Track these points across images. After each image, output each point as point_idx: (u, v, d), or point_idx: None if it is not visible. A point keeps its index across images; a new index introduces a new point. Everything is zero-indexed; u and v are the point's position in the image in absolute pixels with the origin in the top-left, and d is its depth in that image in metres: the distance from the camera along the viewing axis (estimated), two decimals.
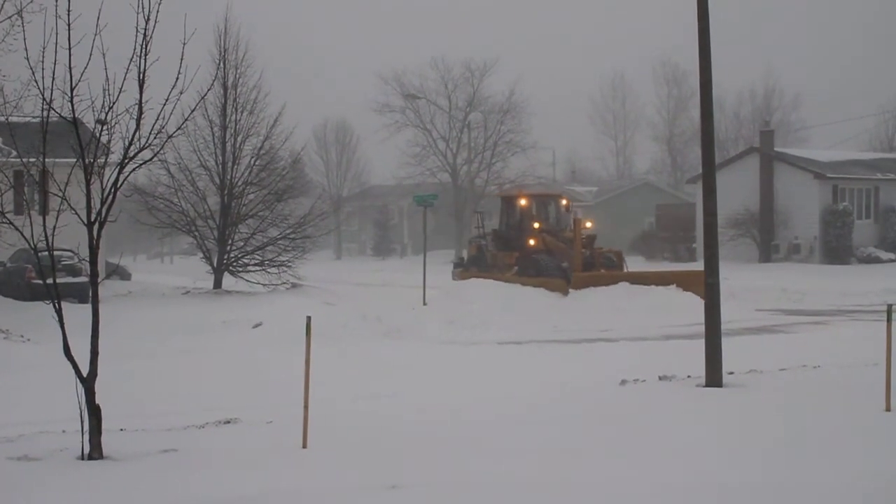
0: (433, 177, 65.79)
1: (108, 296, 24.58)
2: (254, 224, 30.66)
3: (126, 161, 9.57)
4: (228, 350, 19.33)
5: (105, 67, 9.25)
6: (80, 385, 9.28)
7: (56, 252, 9.86)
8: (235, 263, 30.10)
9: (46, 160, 9.85)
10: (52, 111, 9.36)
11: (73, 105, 9.26)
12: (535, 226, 29.97)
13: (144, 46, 9.37)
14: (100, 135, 9.72)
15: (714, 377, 13.01)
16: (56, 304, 9.42)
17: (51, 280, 9.54)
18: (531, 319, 23.50)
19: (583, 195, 63.30)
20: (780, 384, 13.15)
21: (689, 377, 13.64)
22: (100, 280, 9.68)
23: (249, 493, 7.81)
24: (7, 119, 14.62)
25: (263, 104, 30.60)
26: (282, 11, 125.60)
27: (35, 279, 24.28)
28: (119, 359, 15.55)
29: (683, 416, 10.96)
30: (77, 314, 11.39)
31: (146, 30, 9.36)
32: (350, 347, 18.94)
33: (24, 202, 10.92)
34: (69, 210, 9.41)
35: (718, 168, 24.03)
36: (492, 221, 35.44)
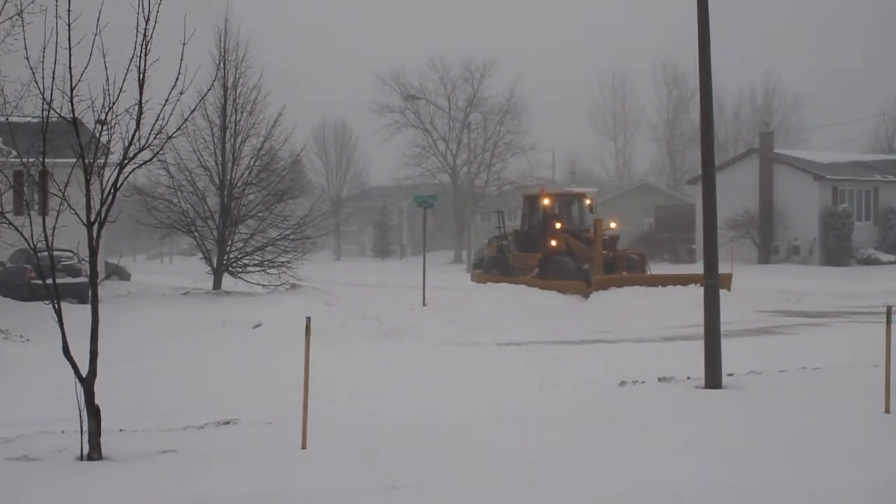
0: (433, 178, 65.94)
1: (108, 296, 24.58)
2: (253, 225, 30.70)
3: (126, 161, 9.57)
4: (228, 351, 19.31)
5: (105, 68, 9.25)
6: (80, 385, 9.27)
7: (56, 252, 9.84)
8: (235, 264, 30.11)
9: (46, 160, 9.85)
10: (52, 111, 9.35)
11: (73, 105, 9.26)
12: (557, 226, 28.94)
13: (144, 47, 9.37)
14: (100, 135, 9.71)
15: (713, 378, 12.99)
16: (55, 305, 9.41)
17: (50, 280, 9.53)
18: (533, 320, 23.46)
19: None
20: (780, 386, 13.15)
21: (689, 378, 13.62)
22: (99, 280, 9.68)
23: (249, 494, 7.81)
24: (7, 119, 14.62)
25: (263, 105, 30.72)
26: (282, 12, 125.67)
27: (34, 279, 24.27)
28: (118, 359, 15.52)
29: (682, 418, 10.95)
30: (76, 314, 11.38)
31: (146, 30, 9.36)
32: (349, 348, 18.91)
33: (24, 202, 10.89)
34: (69, 210, 9.40)
35: (718, 169, 24.00)
36: (513, 221, 34.26)
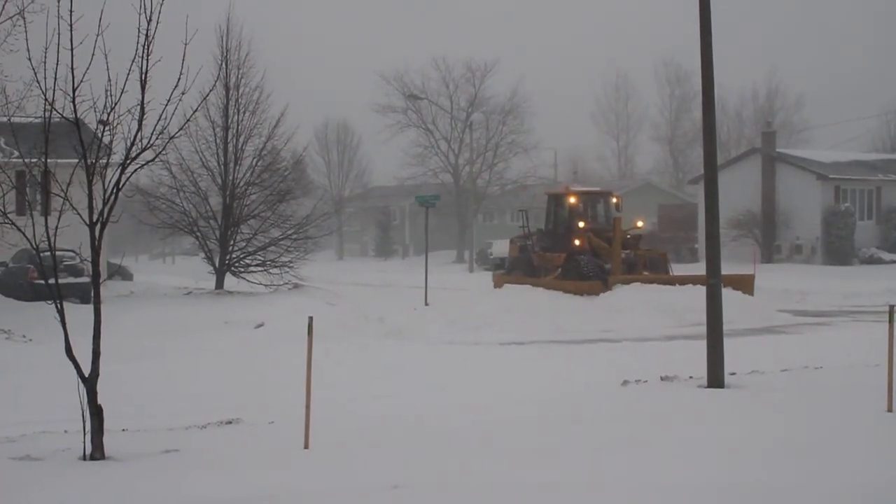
0: (435, 177, 65.94)
1: (110, 296, 24.59)
2: (256, 225, 30.70)
3: (128, 161, 9.58)
4: (230, 350, 19.32)
5: (107, 68, 9.27)
6: (82, 385, 9.28)
7: (58, 252, 9.86)
8: (237, 264, 30.12)
9: (48, 161, 9.86)
10: (55, 112, 9.37)
11: (76, 105, 9.27)
12: (580, 225, 28.34)
13: (146, 47, 9.38)
14: (102, 135, 9.72)
15: (716, 378, 12.99)
16: (58, 305, 9.42)
17: (53, 280, 9.54)
18: (534, 320, 23.44)
19: None
20: (782, 385, 13.15)
21: (691, 378, 13.62)
22: (102, 280, 9.69)
23: (251, 494, 7.81)
24: (9, 119, 14.63)
25: (265, 105, 30.70)
26: (283, 12, 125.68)
27: (37, 279, 24.32)
28: (121, 359, 15.54)
29: (685, 417, 10.95)
30: (79, 314, 11.42)
31: (148, 30, 9.38)
32: (352, 348, 18.90)
33: (27, 202, 10.92)
34: (71, 210, 9.42)
35: (720, 169, 24.03)
36: (538, 222, 33.56)
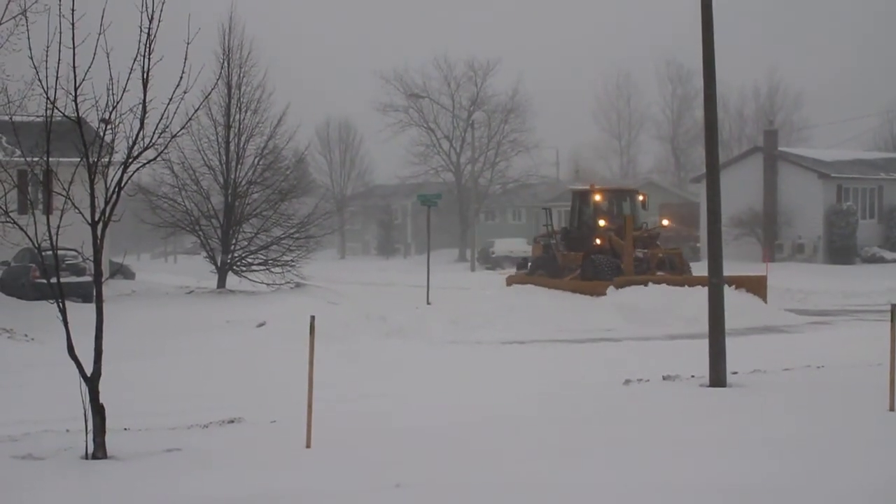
0: (437, 176, 65.97)
1: (112, 295, 24.59)
2: (257, 223, 30.68)
3: (130, 160, 9.59)
4: (232, 350, 19.32)
5: (109, 67, 9.27)
6: (84, 384, 9.28)
7: (60, 251, 9.86)
8: (239, 263, 30.11)
9: (50, 159, 9.86)
10: (56, 110, 9.36)
11: (77, 104, 9.26)
12: (601, 224, 27.79)
13: (148, 46, 9.38)
14: (104, 134, 9.72)
15: (718, 377, 12.99)
16: (60, 304, 9.42)
17: (55, 279, 9.54)
18: (536, 319, 23.42)
19: None
20: (784, 384, 13.15)
21: (693, 377, 13.62)
22: (103, 279, 9.68)
23: (253, 493, 7.81)
24: (11, 118, 14.66)
25: (267, 104, 30.67)
26: (284, 11, 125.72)
27: (39, 278, 24.31)
28: (123, 358, 15.53)
29: (686, 417, 10.94)
30: (81, 313, 11.40)
31: (150, 29, 9.37)
32: (354, 347, 18.92)
33: (29, 201, 10.93)
34: (73, 209, 9.41)
35: (722, 167, 23.95)
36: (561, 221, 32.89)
